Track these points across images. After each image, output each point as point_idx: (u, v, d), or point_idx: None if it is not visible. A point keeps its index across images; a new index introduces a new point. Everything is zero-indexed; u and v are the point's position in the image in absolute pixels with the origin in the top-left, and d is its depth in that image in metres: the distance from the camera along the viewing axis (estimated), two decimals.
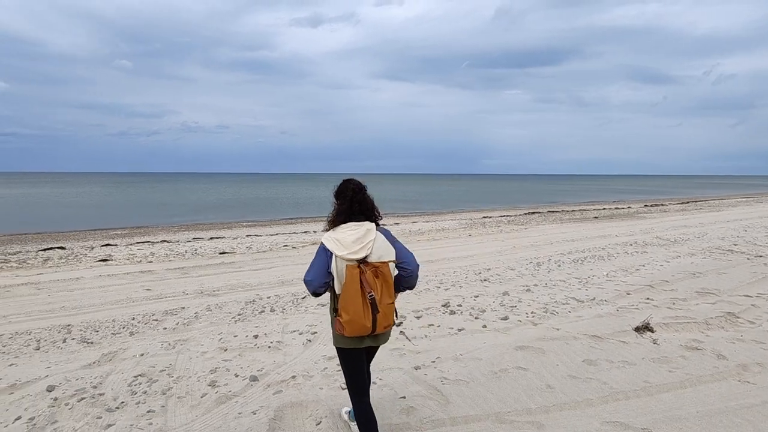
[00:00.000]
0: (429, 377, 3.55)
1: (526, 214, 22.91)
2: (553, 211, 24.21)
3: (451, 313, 5.23)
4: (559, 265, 7.99)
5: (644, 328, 4.48)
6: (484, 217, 21.72)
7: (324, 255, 2.33)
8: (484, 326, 4.76)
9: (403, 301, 5.78)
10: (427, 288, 6.54)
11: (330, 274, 2.31)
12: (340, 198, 2.50)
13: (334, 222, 2.46)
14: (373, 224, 2.44)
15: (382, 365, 3.78)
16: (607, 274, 7.06)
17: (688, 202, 30.12)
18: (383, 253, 2.35)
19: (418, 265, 2.44)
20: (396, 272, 2.42)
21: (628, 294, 5.89)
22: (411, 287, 2.48)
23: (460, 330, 4.65)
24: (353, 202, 2.43)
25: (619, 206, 27.85)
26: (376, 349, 2.63)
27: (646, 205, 27.64)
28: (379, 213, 2.54)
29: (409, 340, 4.38)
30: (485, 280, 6.99)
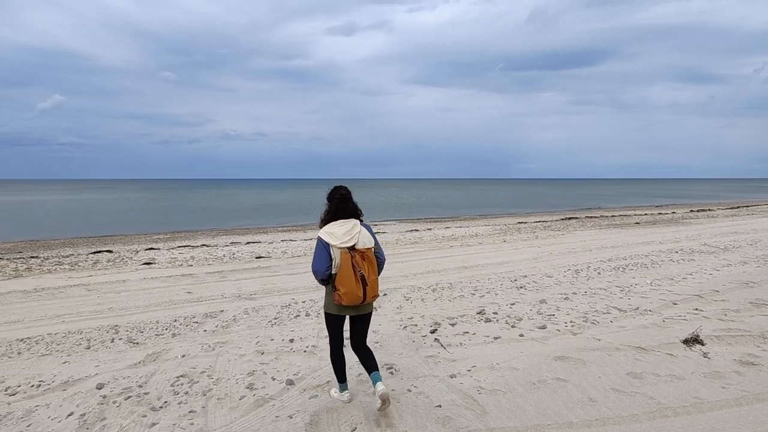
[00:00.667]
0: (465, 386, 3.49)
1: (562, 219, 22.30)
2: (591, 217, 23.46)
3: (486, 321, 5.14)
4: (599, 273, 7.72)
5: (693, 340, 4.25)
6: (519, 222, 21.30)
7: (323, 246, 3.01)
8: (521, 335, 4.65)
9: (437, 308, 5.74)
10: (461, 295, 6.46)
11: (331, 259, 2.98)
12: (330, 201, 3.21)
13: (326, 220, 3.16)
14: (358, 220, 3.15)
15: (416, 372, 3.76)
16: (651, 283, 6.76)
17: (738, 207, 28.51)
18: (366, 241, 3.08)
19: (385, 259, 3.30)
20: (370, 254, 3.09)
21: (675, 304, 5.61)
22: (378, 273, 3.17)
23: (496, 338, 4.56)
24: (340, 204, 3.14)
25: (662, 211, 26.67)
26: (363, 316, 3.23)
27: (692, 210, 26.35)
28: (361, 212, 3.24)
29: (444, 348, 4.33)
30: (521, 287, 6.84)
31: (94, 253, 12.84)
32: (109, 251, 13.15)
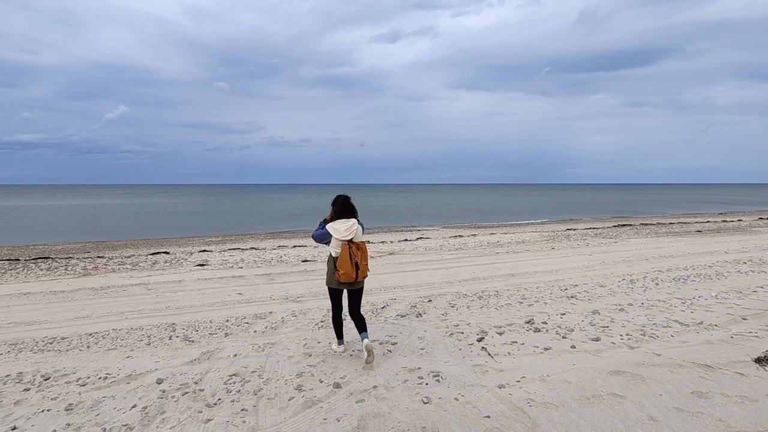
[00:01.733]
0: (514, 397, 3.40)
1: (615, 226, 21.31)
2: (646, 224, 22.27)
3: (535, 331, 4.98)
4: (657, 284, 7.30)
5: (767, 359, 3.92)
6: (568, 229, 20.55)
7: (328, 233, 4.17)
8: (573, 347, 4.47)
9: (484, 316, 5.63)
10: (508, 303, 6.30)
11: (327, 238, 4.16)
12: (334, 205, 4.30)
13: (332, 218, 4.25)
14: (356, 220, 4.23)
15: (463, 381, 3.70)
16: (716, 296, 6.31)
17: None
18: (360, 236, 4.24)
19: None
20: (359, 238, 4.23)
21: (744, 319, 5.21)
22: None
23: (546, 349, 4.41)
24: (342, 207, 4.24)
25: (727, 219, 24.88)
26: (356, 291, 4.30)
27: (761, 218, 24.41)
28: (357, 212, 4.31)
29: (492, 357, 4.24)
30: (572, 296, 6.59)
31: (153, 254, 13.60)
32: (166, 252, 13.88)
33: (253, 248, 14.97)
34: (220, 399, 3.52)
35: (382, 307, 6.19)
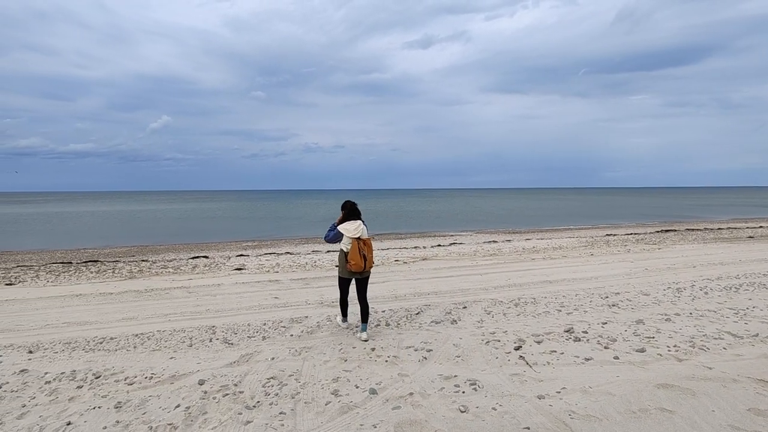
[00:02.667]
0: (555, 409, 3.30)
1: (658, 232, 20.42)
2: (692, 229, 21.23)
3: (575, 340, 4.83)
4: (706, 293, 6.94)
5: None
6: (608, 234, 19.86)
7: (339, 234, 5.06)
8: (616, 357, 4.30)
9: (521, 324, 5.51)
10: (546, 311, 6.14)
11: (339, 237, 5.05)
12: (344, 209, 5.21)
13: (342, 220, 5.16)
14: (361, 221, 5.16)
15: (501, 390, 3.63)
16: None
17: None
18: (366, 234, 5.10)
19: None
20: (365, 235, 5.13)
21: None
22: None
23: (587, 359, 4.27)
24: (351, 211, 5.17)
25: None
26: (363, 279, 5.20)
27: None
28: (361, 214, 5.24)
29: (530, 366, 4.14)
30: (614, 305, 6.35)
31: (193, 258, 14.08)
32: (206, 257, 14.34)
33: (288, 253, 15.25)
34: (259, 401, 3.60)
35: (417, 313, 6.16)
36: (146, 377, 4.15)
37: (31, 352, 4.95)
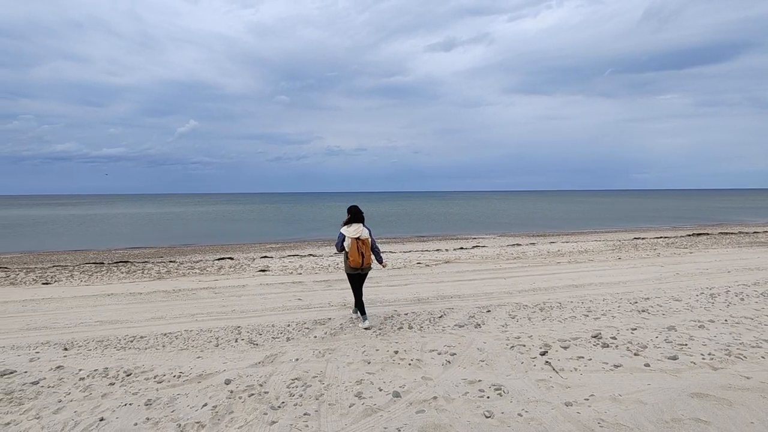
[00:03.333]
0: (583, 416, 3.23)
1: (689, 235, 19.76)
2: (726, 233, 20.46)
3: (603, 346, 4.71)
4: (742, 299, 6.67)
5: None
6: (636, 238, 19.33)
7: (342, 236, 5.73)
8: (647, 365, 4.18)
9: (546, 329, 5.42)
10: (572, 316, 6.02)
11: (342, 238, 5.71)
12: (349, 213, 5.86)
13: (346, 223, 5.81)
14: (362, 224, 5.79)
15: (527, 396, 3.57)
16: None
17: None
18: (366, 236, 5.71)
19: (379, 248, 5.99)
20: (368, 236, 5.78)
21: None
22: (377, 253, 5.92)
23: (616, 366, 4.16)
24: (354, 215, 5.81)
25: None
26: (362, 275, 5.93)
27: None
28: (364, 218, 5.86)
29: (557, 372, 4.06)
30: (643, 311, 6.17)
31: (219, 259, 14.35)
32: (231, 258, 14.60)
33: (311, 255, 15.39)
34: (283, 402, 3.63)
35: (440, 317, 6.12)
36: (174, 376, 4.24)
37: (66, 349, 5.14)
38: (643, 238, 18.84)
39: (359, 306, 5.98)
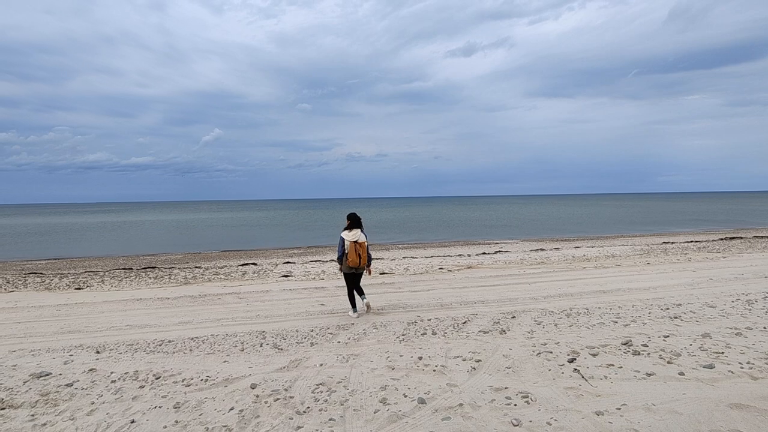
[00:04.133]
0: (615, 426, 3.13)
1: (722, 239, 19.07)
2: (761, 236, 19.68)
3: (634, 354, 4.57)
4: None
5: None
6: (665, 242, 18.77)
7: (342, 240, 6.51)
8: (681, 373, 4.03)
9: (574, 335, 5.29)
10: (601, 322, 5.87)
11: (344, 246, 6.46)
12: (348, 219, 6.64)
13: (346, 228, 6.58)
14: (359, 229, 6.57)
15: (555, 404, 3.48)
16: None
17: None
18: (363, 239, 6.51)
19: (370, 253, 6.70)
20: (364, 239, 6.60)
21: None
22: (368, 258, 6.60)
23: (649, 375, 4.02)
24: (353, 222, 6.60)
25: None
26: (359, 274, 6.70)
27: None
28: (362, 225, 6.68)
29: (586, 380, 3.95)
30: (676, 317, 5.97)
31: (243, 265, 14.57)
32: (254, 264, 14.81)
33: (332, 260, 15.46)
34: (308, 407, 3.64)
35: (464, 322, 6.06)
36: (202, 379, 4.31)
37: (98, 352, 5.28)
38: (672, 243, 18.28)
39: (353, 297, 6.77)
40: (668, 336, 5.15)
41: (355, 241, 6.42)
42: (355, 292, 6.78)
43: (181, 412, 3.62)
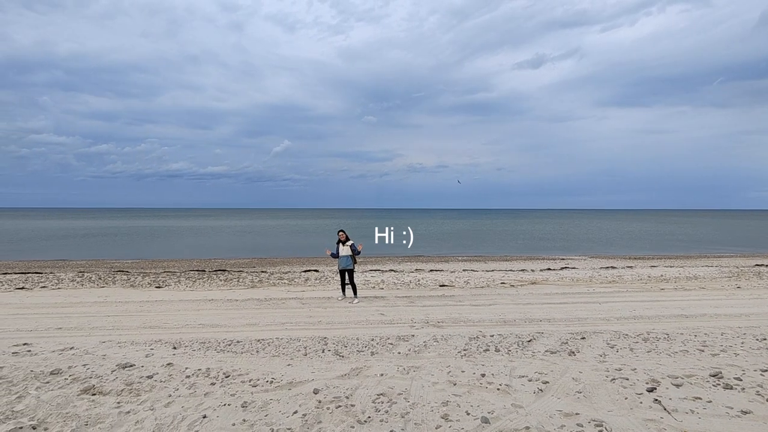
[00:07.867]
0: None
1: None
2: None
3: (726, 388, 4.13)
4: None
5: None
6: (757, 265, 16.91)
7: (336, 248, 9.25)
8: None
9: (653, 362, 4.89)
10: (684, 349, 5.37)
11: (339, 252, 9.19)
12: (338, 233, 9.34)
13: (338, 242, 9.25)
14: (348, 240, 9.26)
15: None
16: None
17: None
18: (349, 245, 9.22)
19: (357, 250, 9.30)
20: (350, 252, 9.19)
21: None
22: (354, 251, 9.25)
23: (744, 413, 3.61)
24: (344, 236, 9.28)
25: None
26: (350, 272, 9.15)
27: None
28: (349, 237, 9.36)
29: (669, 413, 3.62)
30: None
31: (305, 271, 15.01)
32: (316, 270, 15.20)
33: (391, 270, 15.52)
34: (369, 417, 3.64)
35: (529, 341, 5.80)
36: (267, 381, 4.46)
37: (175, 348, 5.64)
38: (766, 265, 16.43)
39: (345, 290, 9.47)
40: (767, 370, 4.60)
41: (345, 247, 9.13)
42: (347, 287, 9.35)
43: (249, 411, 3.76)
